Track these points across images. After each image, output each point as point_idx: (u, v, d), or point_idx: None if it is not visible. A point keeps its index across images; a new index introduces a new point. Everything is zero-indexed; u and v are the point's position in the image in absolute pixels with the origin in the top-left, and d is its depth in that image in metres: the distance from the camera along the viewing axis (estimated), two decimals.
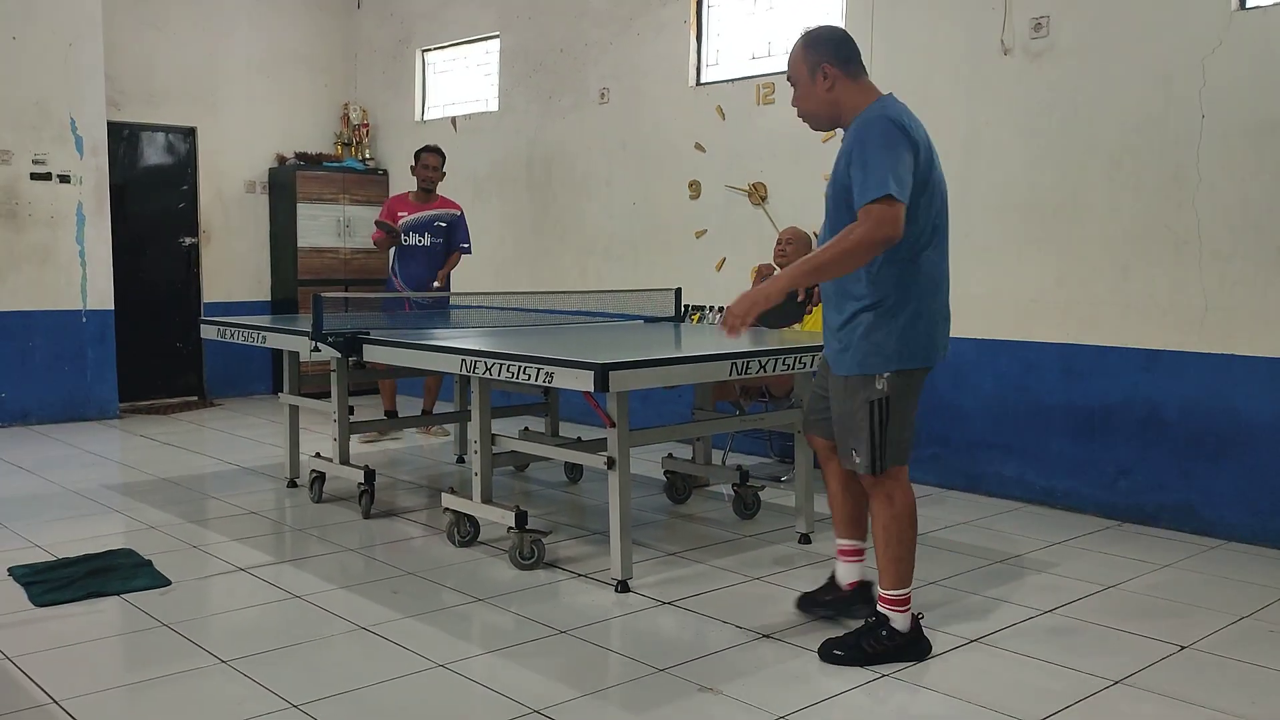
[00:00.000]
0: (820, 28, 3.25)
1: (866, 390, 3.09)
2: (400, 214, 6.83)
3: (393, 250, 6.95)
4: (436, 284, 6.77)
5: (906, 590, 3.19)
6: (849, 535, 3.49)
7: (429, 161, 6.89)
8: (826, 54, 3.12)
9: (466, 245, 7.00)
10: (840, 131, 3.22)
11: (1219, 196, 4.60)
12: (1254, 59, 4.49)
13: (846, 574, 3.49)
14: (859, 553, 3.49)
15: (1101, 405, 5.00)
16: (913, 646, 3.20)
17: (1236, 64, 4.53)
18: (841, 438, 3.21)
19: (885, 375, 3.06)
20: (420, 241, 6.83)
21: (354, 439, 6.61)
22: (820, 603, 3.56)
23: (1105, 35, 4.92)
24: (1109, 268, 4.96)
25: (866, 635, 3.18)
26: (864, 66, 3.20)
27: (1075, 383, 5.08)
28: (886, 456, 3.11)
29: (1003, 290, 5.34)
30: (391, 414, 6.90)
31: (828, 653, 3.20)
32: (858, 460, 3.15)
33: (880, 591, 3.21)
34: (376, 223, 6.81)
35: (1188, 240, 4.70)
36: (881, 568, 3.20)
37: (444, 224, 6.89)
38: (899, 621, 3.18)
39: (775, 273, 5.84)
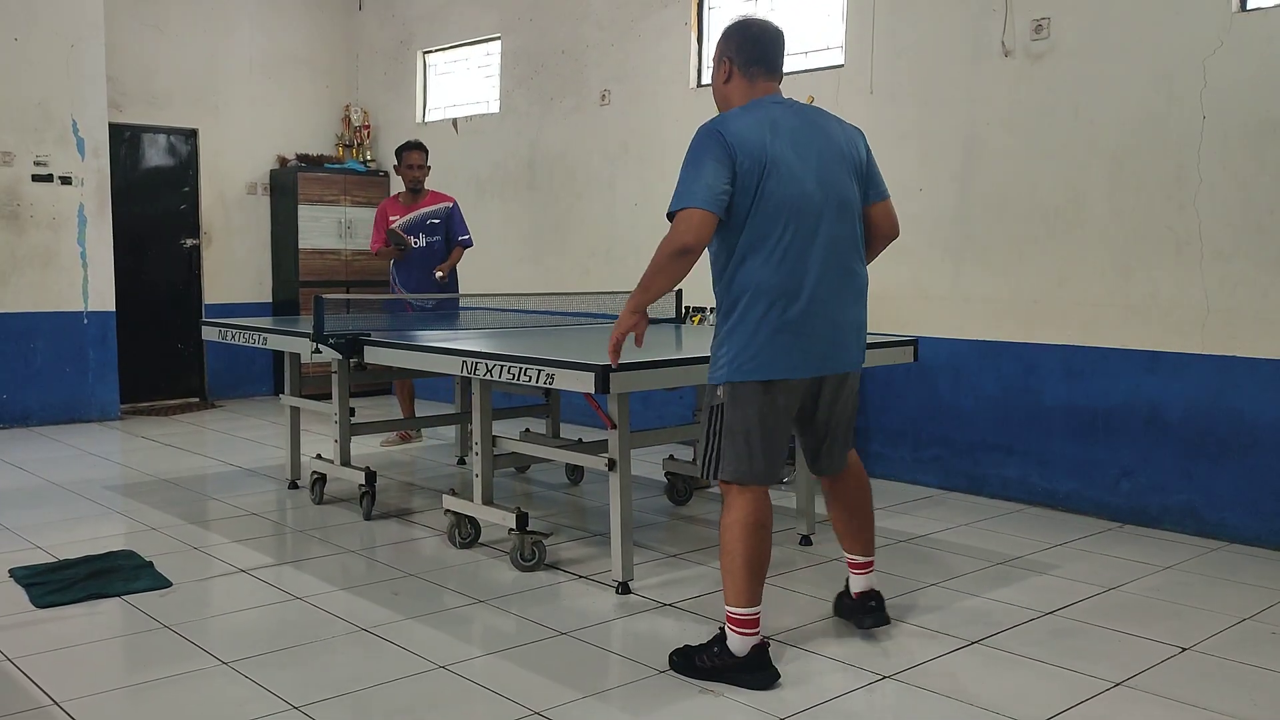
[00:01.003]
0: (744, 21, 3.17)
1: (710, 396, 3.10)
2: (392, 218, 6.65)
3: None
4: (439, 274, 6.54)
5: (743, 610, 3.01)
6: (847, 549, 3.46)
7: (411, 160, 6.65)
8: (733, 47, 3.10)
9: (466, 237, 6.75)
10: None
11: (1220, 197, 4.60)
12: (1255, 60, 4.49)
13: (854, 583, 3.47)
14: (861, 566, 3.45)
15: (1103, 407, 4.99)
16: (748, 673, 3.01)
17: (1237, 65, 4.53)
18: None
19: (719, 388, 3.04)
20: (415, 244, 6.63)
21: (378, 440, 6.61)
22: (840, 606, 3.56)
23: (1106, 37, 4.92)
24: (1110, 269, 4.95)
25: (703, 648, 3.09)
26: (771, 70, 3.11)
27: (1077, 384, 5.08)
28: (719, 467, 3.06)
29: (1004, 291, 5.34)
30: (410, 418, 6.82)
31: (670, 657, 3.14)
32: (696, 461, 3.10)
33: (725, 607, 3.06)
34: (388, 232, 6.56)
35: (1189, 241, 4.70)
36: (722, 579, 3.07)
37: (437, 220, 6.67)
38: (734, 643, 3.03)
39: None
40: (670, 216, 2.95)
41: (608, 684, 3.11)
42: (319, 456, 5.28)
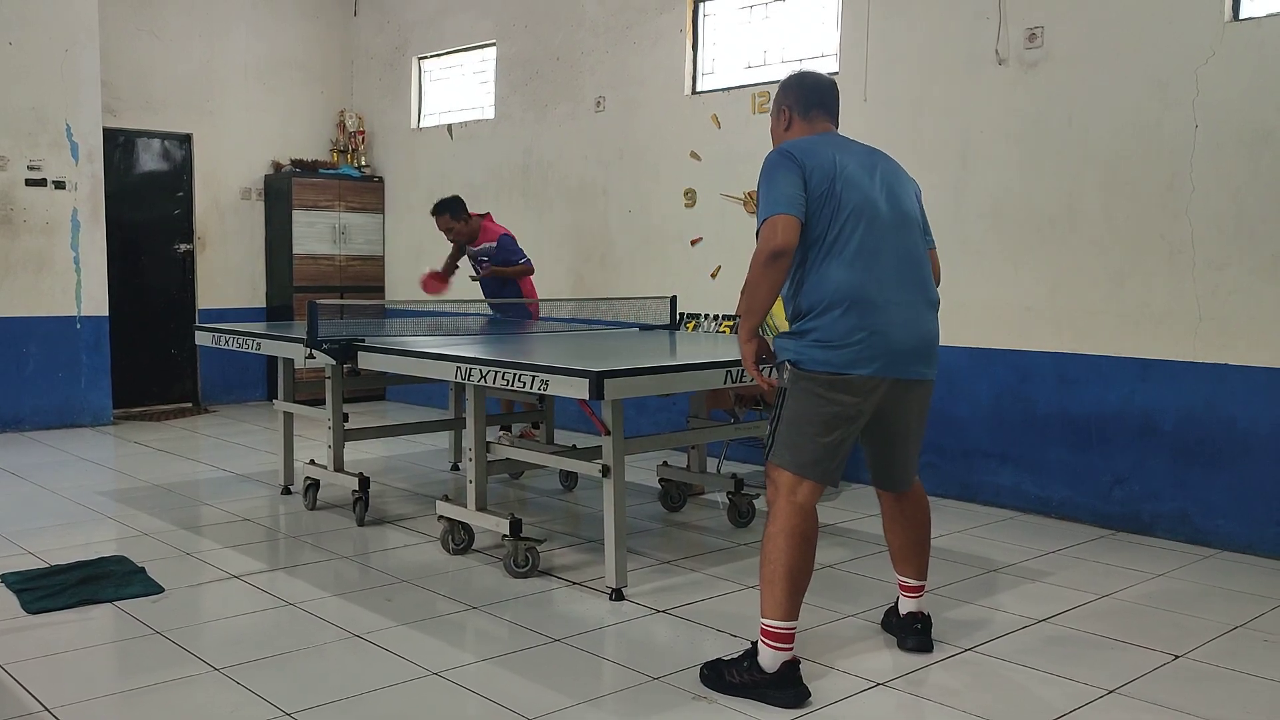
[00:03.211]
0: (803, 74, 3.39)
1: (780, 376, 3.12)
2: (452, 261, 6.73)
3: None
4: (480, 272, 6.50)
5: (780, 624, 2.97)
6: (899, 571, 3.44)
7: (439, 226, 6.58)
8: (790, 97, 3.30)
9: (524, 260, 6.54)
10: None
11: (1213, 206, 4.62)
12: (1247, 69, 4.51)
13: (901, 604, 3.46)
14: (913, 589, 3.42)
15: (1096, 414, 5.00)
16: (778, 691, 2.95)
17: (1230, 74, 4.55)
18: None
19: (787, 365, 3.07)
20: (480, 274, 6.65)
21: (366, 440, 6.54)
22: (887, 622, 3.55)
23: (1099, 45, 4.94)
24: (1103, 277, 4.97)
25: (732, 664, 3.04)
26: (829, 114, 3.30)
27: (1070, 392, 5.09)
28: (774, 449, 3.09)
29: (998, 299, 5.35)
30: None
31: (701, 671, 3.09)
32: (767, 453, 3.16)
33: (760, 620, 3.02)
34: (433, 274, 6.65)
35: (1182, 249, 4.71)
36: (760, 589, 3.03)
37: (485, 258, 6.56)
38: (765, 657, 2.97)
39: None
40: (759, 208, 3.06)
41: (601, 690, 3.11)
42: (312, 462, 5.27)
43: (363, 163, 9.27)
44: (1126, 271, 4.89)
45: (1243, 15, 4.58)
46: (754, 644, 3.04)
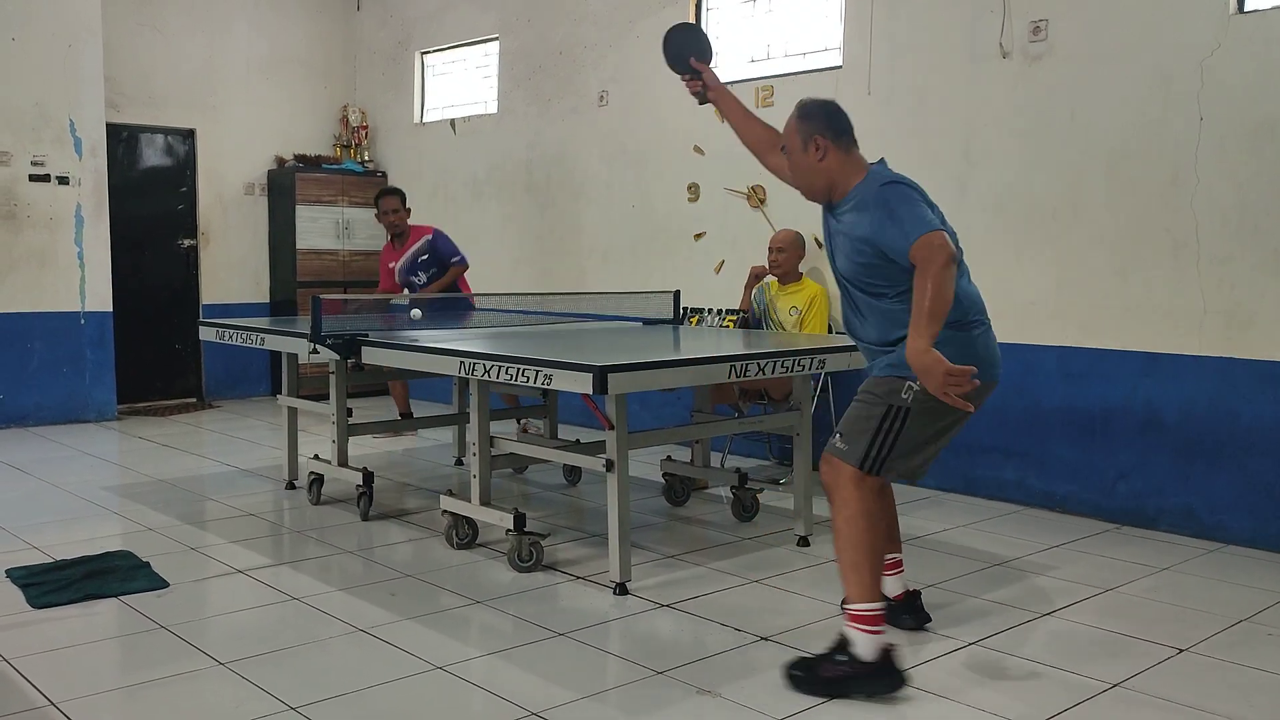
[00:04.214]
0: (813, 101, 3.29)
1: (891, 392, 3.06)
2: (390, 264, 6.80)
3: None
4: (415, 313, 5.85)
5: (872, 607, 2.97)
6: (889, 550, 3.47)
7: (385, 206, 6.75)
8: (819, 126, 3.20)
9: (458, 259, 6.75)
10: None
11: (1217, 199, 4.61)
12: (1252, 62, 4.49)
13: (890, 586, 3.48)
14: (896, 565, 3.48)
15: (1100, 408, 5.00)
16: (878, 679, 2.94)
17: (1235, 67, 4.54)
18: (845, 420, 3.14)
19: (914, 386, 2.99)
20: (418, 281, 6.75)
21: (369, 436, 6.58)
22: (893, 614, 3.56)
23: (1103, 38, 4.92)
24: (1107, 270, 4.96)
25: (825, 660, 3.00)
26: (855, 140, 3.25)
27: (1074, 386, 5.08)
28: (882, 464, 3.05)
29: (1001, 293, 5.32)
30: (407, 416, 6.86)
31: (788, 674, 3.03)
32: (842, 446, 3.07)
33: (846, 608, 3.04)
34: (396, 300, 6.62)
35: (1186, 243, 4.70)
36: (844, 576, 3.04)
37: (425, 255, 6.73)
38: (863, 645, 2.95)
39: (767, 278, 5.89)
40: (910, 246, 2.96)
41: (605, 685, 3.11)
42: (316, 457, 5.27)
43: (366, 158, 9.27)
44: (1130, 265, 4.88)
45: (1248, 8, 4.56)
46: (841, 636, 3.00)
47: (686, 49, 3.75)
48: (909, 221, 2.98)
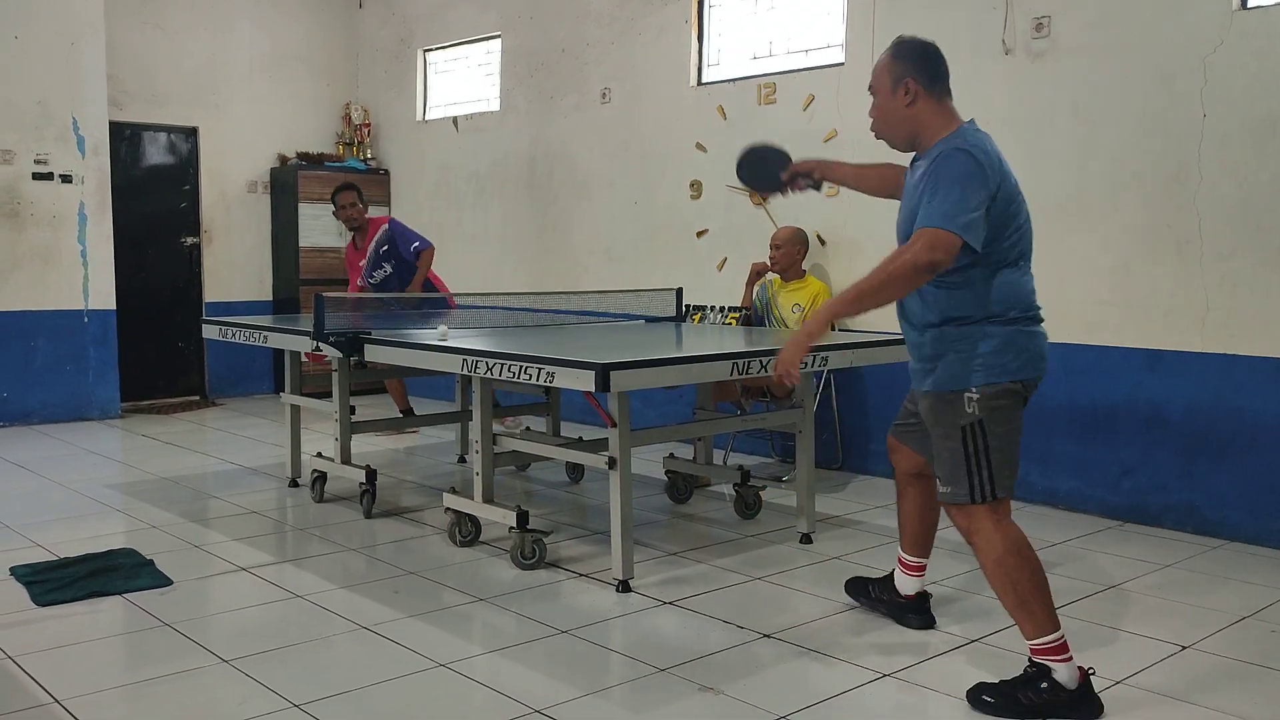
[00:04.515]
0: (911, 39, 3.02)
1: (955, 413, 2.88)
2: (360, 264, 6.68)
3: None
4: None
5: (1055, 638, 2.82)
6: (912, 553, 3.47)
7: (342, 201, 6.62)
8: (912, 68, 2.96)
9: (417, 245, 6.52)
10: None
11: (1221, 196, 4.60)
12: (1255, 58, 4.48)
13: (906, 585, 3.48)
14: (921, 568, 3.47)
15: (1104, 405, 4.99)
16: (1080, 705, 2.80)
17: (1238, 63, 4.53)
18: (937, 465, 3.00)
19: (974, 392, 2.85)
20: (384, 275, 6.61)
21: (372, 434, 6.57)
22: (871, 596, 3.57)
23: (1106, 35, 4.92)
24: (1110, 268, 4.95)
25: (1024, 685, 2.83)
26: (949, 89, 3.00)
27: (1077, 383, 5.07)
28: (995, 485, 2.86)
29: None
30: (407, 413, 6.82)
31: (977, 698, 2.87)
32: (947, 490, 2.92)
33: (1029, 644, 2.88)
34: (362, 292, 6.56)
35: (1189, 240, 4.69)
36: (1015, 618, 2.90)
37: (385, 246, 6.58)
38: (1061, 673, 2.80)
39: (769, 275, 5.88)
40: (918, 229, 2.80)
41: (608, 682, 3.11)
42: (319, 455, 5.28)
43: (368, 155, 9.27)
44: (1133, 262, 4.87)
45: (1250, 4, 4.55)
46: (1035, 666, 2.85)
47: (766, 168, 3.50)
48: (943, 204, 2.75)
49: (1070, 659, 2.83)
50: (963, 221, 2.74)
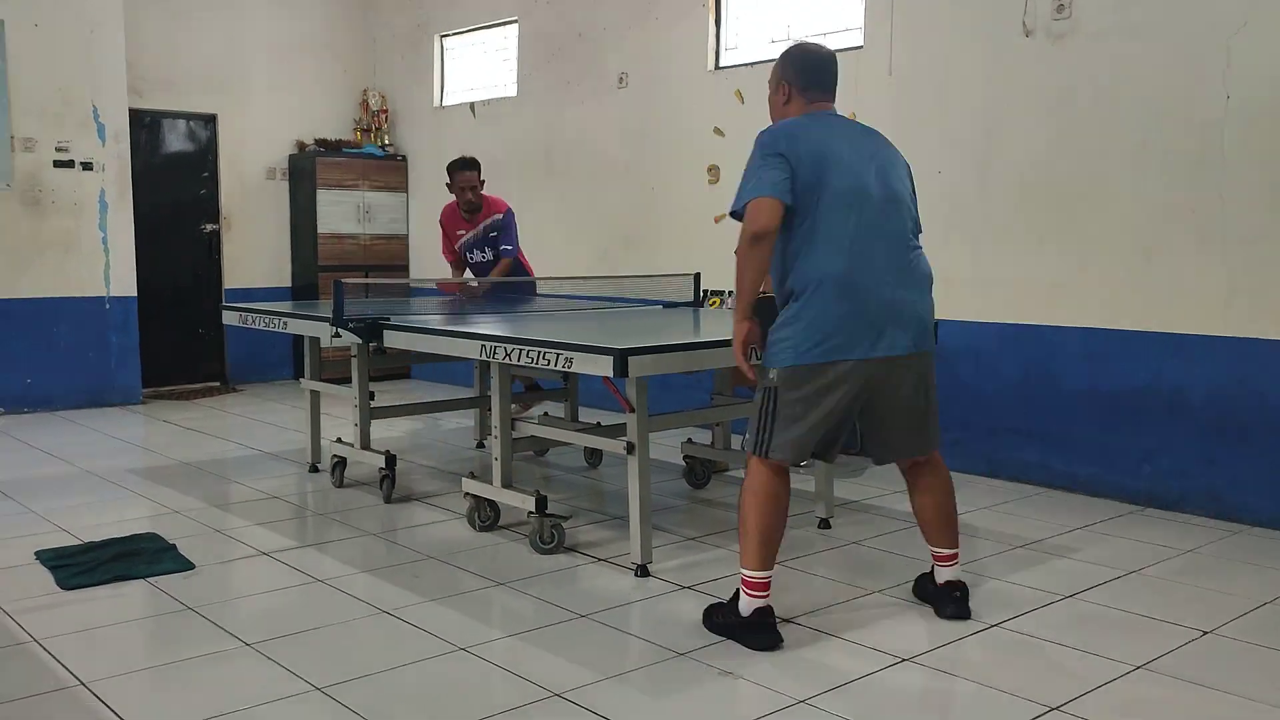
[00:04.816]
0: (805, 48, 3.43)
1: (763, 379, 3.21)
2: (459, 232, 6.33)
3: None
4: (481, 254, 6.22)
5: (756, 573, 3.18)
6: (932, 543, 3.49)
7: (462, 182, 6.11)
8: (790, 73, 3.35)
9: (508, 248, 6.19)
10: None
11: (1244, 179, 4.55)
12: None
13: (938, 574, 3.50)
14: (946, 558, 3.48)
15: (1125, 390, 4.96)
16: (752, 635, 3.17)
17: (1262, 44, 4.47)
18: (931, 422, 3.40)
19: (772, 371, 3.17)
20: (483, 258, 6.30)
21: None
22: (922, 590, 3.59)
23: (1128, 16, 4.86)
24: (1132, 251, 4.91)
25: (721, 605, 3.31)
26: (826, 92, 3.35)
27: (1098, 368, 5.04)
28: (766, 446, 3.18)
29: (1025, 275, 5.30)
30: (532, 387, 6.45)
31: (705, 610, 3.35)
32: (746, 436, 3.27)
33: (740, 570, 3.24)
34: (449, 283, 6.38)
35: (1212, 223, 4.65)
36: (739, 538, 3.25)
37: (495, 232, 6.22)
38: (742, 604, 3.21)
39: None
40: (735, 215, 3.14)
41: (627, 666, 3.12)
42: (339, 440, 5.31)
43: (386, 142, 9.28)
44: (1156, 246, 4.83)
45: None
46: (736, 590, 3.24)
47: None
48: (743, 183, 3.11)
49: (760, 598, 3.18)
50: (763, 186, 3.06)
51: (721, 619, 3.26)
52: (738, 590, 3.24)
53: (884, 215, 3.17)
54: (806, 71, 3.34)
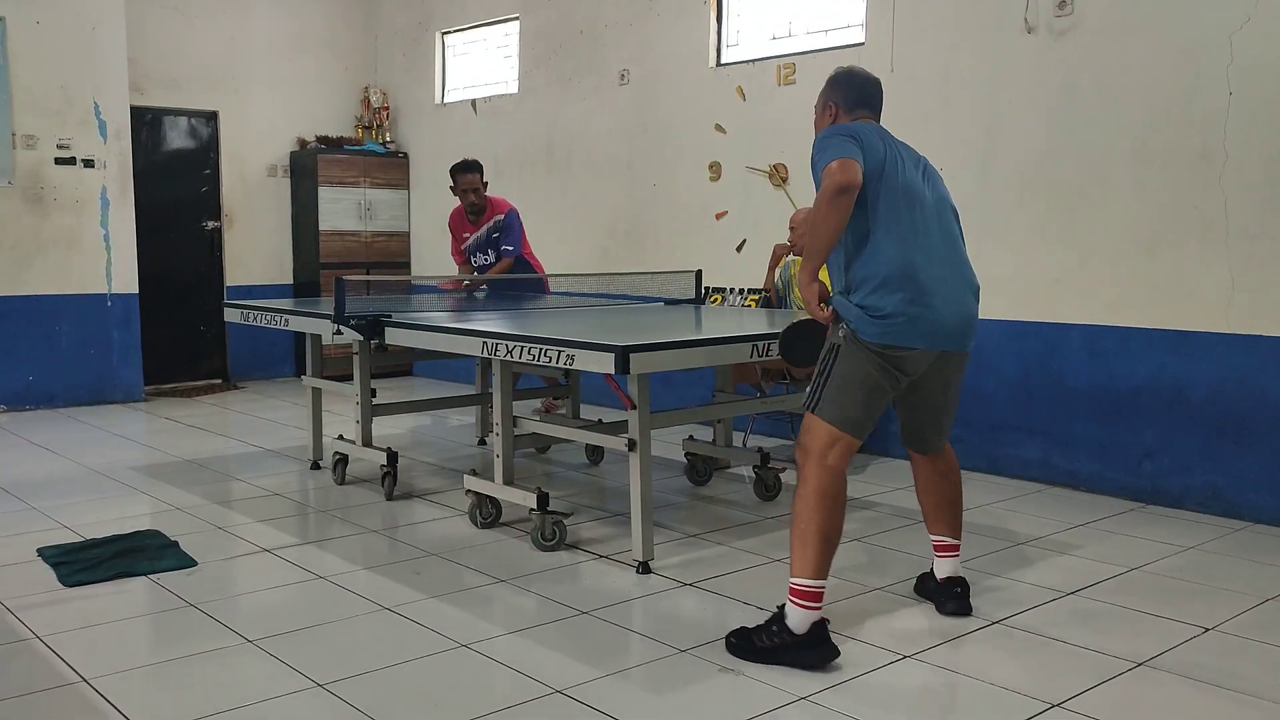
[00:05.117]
0: (851, 71, 3.46)
1: (833, 334, 3.20)
2: (465, 235, 6.35)
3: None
4: (486, 256, 6.26)
5: (812, 583, 3.02)
6: (933, 531, 3.51)
7: (464, 184, 6.15)
8: (837, 94, 3.39)
9: (509, 248, 6.21)
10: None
11: (1247, 175, 4.55)
12: None
13: (938, 568, 3.51)
14: (947, 548, 3.49)
15: (1126, 387, 4.96)
16: (808, 651, 2.99)
17: (1265, 40, 4.47)
18: (948, 417, 3.47)
19: (845, 327, 3.14)
20: (485, 260, 6.34)
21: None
22: (923, 588, 3.59)
23: (1130, 12, 4.86)
24: (1134, 248, 4.91)
25: (763, 628, 3.08)
26: (875, 112, 3.40)
27: (1100, 364, 5.04)
28: (821, 404, 3.14)
29: (1026, 271, 5.30)
30: (553, 383, 6.33)
31: (728, 638, 3.13)
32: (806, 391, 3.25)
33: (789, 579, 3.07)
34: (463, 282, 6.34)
35: (1214, 220, 4.65)
36: (790, 547, 3.10)
37: (496, 234, 6.26)
38: (795, 619, 3.01)
39: (790, 257, 5.86)
40: (816, 179, 3.10)
41: (629, 663, 3.13)
42: (341, 437, 5.31)
43: (387, 139, 9.28)
44: (1158, 242, 4.83)
45: None
46: (780, 609, 3.08)
47: (810, 343, 3.46)
48: (820, 156, 3.10)
49: (815, 609, 3.01)
50: (842, 151, 3.04)
51: (767, 641, 3.03)
52: (781, 608, 3.06)
53: (938, 216, 3.25)
54: (852, 92, 3.39)
